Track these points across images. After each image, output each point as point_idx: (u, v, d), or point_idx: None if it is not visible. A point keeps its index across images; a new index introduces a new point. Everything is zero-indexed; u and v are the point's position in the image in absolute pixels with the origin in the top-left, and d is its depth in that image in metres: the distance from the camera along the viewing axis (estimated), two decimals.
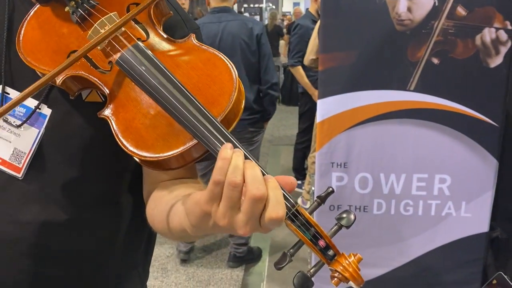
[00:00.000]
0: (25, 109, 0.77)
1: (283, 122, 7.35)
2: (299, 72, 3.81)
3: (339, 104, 1.73)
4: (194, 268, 3.25)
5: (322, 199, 0.63)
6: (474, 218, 1.81)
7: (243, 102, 0.70)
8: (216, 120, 0.63)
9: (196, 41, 0.73)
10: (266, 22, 15.02)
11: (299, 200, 3.93)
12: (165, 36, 0.75)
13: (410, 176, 1.79)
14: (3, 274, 0.80)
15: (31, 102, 0.77)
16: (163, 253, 3.40)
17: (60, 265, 0.83)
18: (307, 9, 4.07)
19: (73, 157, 0.79)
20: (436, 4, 1.62)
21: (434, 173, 1.78)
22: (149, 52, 0.69)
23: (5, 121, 0.77)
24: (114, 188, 0.86)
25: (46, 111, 0.78)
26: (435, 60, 1.67)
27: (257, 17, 12.99)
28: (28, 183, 0.78)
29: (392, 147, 1.77)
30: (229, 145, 0.59)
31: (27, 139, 0.78)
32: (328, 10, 1.68)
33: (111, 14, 0.72)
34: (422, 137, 1.74)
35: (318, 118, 1.78)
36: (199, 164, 0.73)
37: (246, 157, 0.60)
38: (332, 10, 1.68)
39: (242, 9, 18.66)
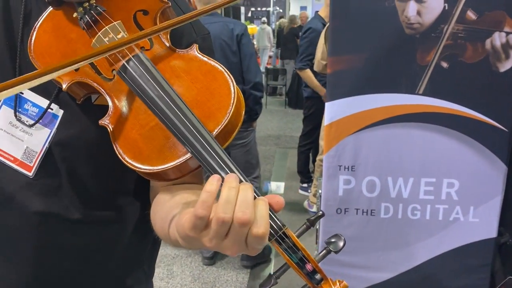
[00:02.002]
0: (37, 109, 0.79)
1: (289, 125, 7.37)
2: (308, 75, 3.79)
3: (347, 107, 1.73)
4: (199, 270, 3.25)
5: (311, 222, 0.63)
6: (482, 223, 1.80)
7: (243, 113, 0.69)
8: (211, 136, 0.63)
9: (198, 52, 0.74)
10: (273, 26, 15.05)
11: (305, 204, 3.92)
12: (168, 45, 0.74)
13: (418, 180, 1.78)
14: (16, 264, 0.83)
15: (43, 102, 0.79)
16: (169, 254, 3.41)
17: (67, 258, 0.85)
18: (316, 11, 4.04)
19: (80, 156, 0.80)
20: (446, 8, 1.62)
21: (442, 178, 1.77)
22: (150, 64, 0.69)
23: (19, 120, 0.79)
24: (121, 188, 0.87)
25: (59, 112, 0.79)
26: (444, 64, 1.67)
27: (264, 19, 13.06)
28: (38, 181, 0.79)
29: (400, 151, 1.76)
30: (216, 177, 0.57)
31: (39, 138, 0.79)
32: (337, 13, 1.68)
33: (115, 23, 0.72)
34: (431, 141, 1.73)
35: (326, 120, 1.78)
36: None
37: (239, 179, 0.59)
38: (341, 13, 1.68)
39: (250, 13, 18.71)
